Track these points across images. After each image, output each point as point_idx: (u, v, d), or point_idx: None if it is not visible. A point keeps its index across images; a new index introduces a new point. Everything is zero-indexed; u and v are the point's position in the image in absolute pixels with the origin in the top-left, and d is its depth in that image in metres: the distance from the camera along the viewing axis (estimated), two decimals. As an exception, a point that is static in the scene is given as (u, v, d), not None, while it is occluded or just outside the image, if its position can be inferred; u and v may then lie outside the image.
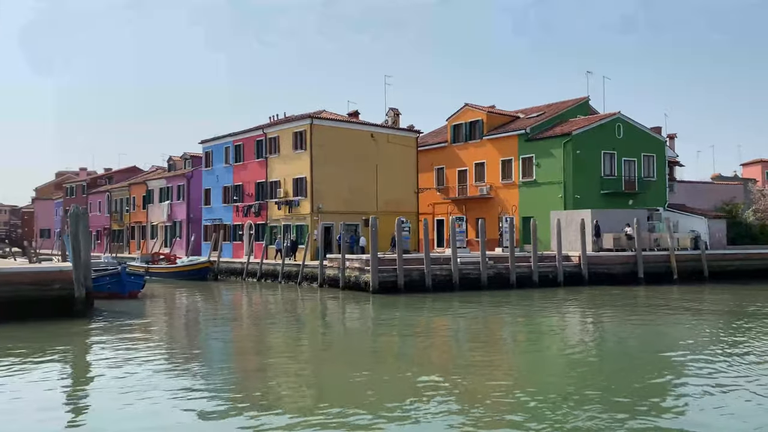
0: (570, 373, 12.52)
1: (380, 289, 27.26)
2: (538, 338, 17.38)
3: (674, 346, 15.07)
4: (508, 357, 14.86)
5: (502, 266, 30.18)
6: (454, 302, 25.01)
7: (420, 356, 14.74)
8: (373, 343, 17.11)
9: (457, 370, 12.70)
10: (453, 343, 17.23)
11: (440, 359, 14.52)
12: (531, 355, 14.94)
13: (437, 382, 11.46)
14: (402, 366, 13.22)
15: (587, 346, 15.79)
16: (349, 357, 14.61)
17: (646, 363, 13.30)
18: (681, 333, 17.74)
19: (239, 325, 20.98)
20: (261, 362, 14.26)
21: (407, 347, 16.19)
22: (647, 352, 14.68)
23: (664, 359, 13.66)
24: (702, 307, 23.94)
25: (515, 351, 15.72)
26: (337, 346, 16.74)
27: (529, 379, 12.21)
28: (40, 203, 78.80)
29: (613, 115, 38.99)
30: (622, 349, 15.33)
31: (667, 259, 33.27)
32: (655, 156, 39.74)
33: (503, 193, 40.87)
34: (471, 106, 43.29)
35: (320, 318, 22.99)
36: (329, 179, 37.21)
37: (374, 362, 13.97)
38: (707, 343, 15.76)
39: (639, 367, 12.88)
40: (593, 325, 19.89)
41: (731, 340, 16.27)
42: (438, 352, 15.74)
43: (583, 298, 26.58)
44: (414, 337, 17.58)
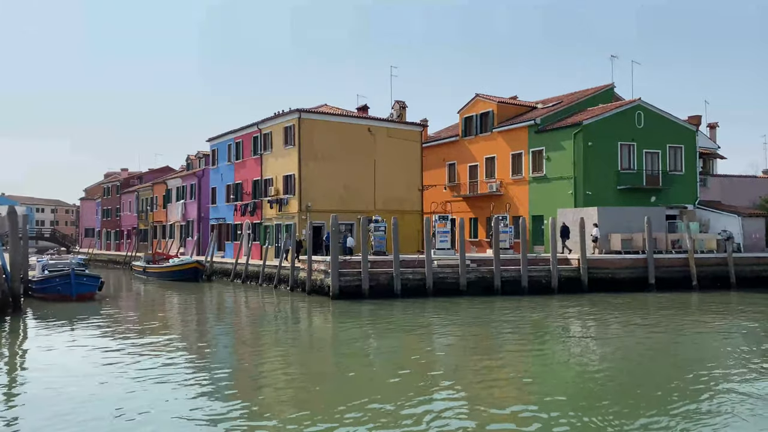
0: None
1: (342, 294, 25.02)
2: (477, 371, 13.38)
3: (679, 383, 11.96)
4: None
5: (486, 270, 27.28)
6: (419, 311, 22.45)
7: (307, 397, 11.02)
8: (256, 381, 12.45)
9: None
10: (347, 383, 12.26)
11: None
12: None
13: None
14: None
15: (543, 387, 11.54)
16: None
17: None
18: (685, 359, 14.65)
19: (140, 335, 19.22)
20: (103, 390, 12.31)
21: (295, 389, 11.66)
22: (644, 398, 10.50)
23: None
24: (712, 320, 20.39)
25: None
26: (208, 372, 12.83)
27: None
28: (85, 203, 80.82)
29: (632, 102, 35.09)
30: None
31: (686, 263, 29.36)
32: (684, 147, 35.50)
33: (513, 190, 37.68)
34: (482, 96, 40.26)
35: (231, 332, 20.96)
36: (320, 176, 35.23)
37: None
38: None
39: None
40: (550, 355, 16.95)
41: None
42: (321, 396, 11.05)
43: (567, 308, 23.41)
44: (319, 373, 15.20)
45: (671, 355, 14.83)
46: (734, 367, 13.04)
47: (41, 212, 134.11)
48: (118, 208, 67.45)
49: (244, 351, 15.77)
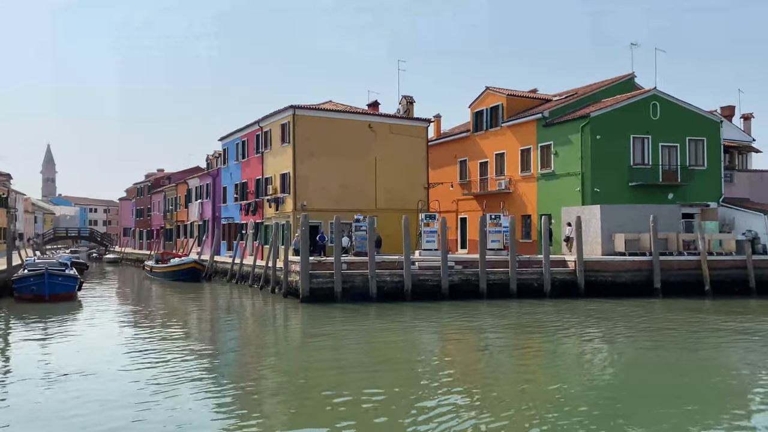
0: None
1: (313, 297, 23.86)
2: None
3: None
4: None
5: (471, 272, 25.61)
6: (388, 316, 21.13)
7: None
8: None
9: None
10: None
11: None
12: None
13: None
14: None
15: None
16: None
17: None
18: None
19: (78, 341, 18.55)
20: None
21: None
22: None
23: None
24: (715, 333, 18.26)
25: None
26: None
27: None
28: (123, 203, 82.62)
29: (646, 91, 32.58)
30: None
31: (698, 266, 26.85)
32: (706, 140, 32.70)
33: (522, 188, 35.68)
34: (492, 89, 38.36)
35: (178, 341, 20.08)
36: (316, 174, 34.20)
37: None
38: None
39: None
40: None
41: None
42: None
43: (553, 316, 21.56)
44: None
45: (657, 383, 12.96)
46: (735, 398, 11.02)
47: (94, 212, 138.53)
48: (149, 208, 68.47)
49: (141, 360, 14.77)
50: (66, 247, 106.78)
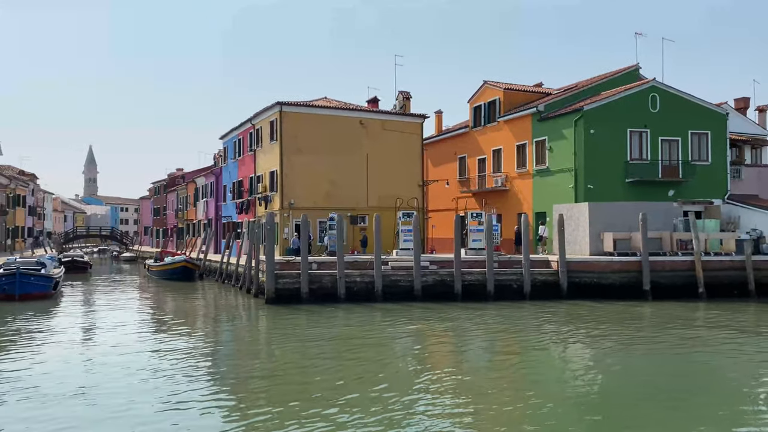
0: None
1: (280, 297, 23.17)
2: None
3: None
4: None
5: (446, 273, 24.58)
6: (351, 318, 20.34)
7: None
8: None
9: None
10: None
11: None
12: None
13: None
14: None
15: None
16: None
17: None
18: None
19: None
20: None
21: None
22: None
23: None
24: (696, 342, 16.96)
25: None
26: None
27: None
28: (143, 202, 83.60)
29: (644, 83, 31.00)
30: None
31: (692, 267, 25.27)
32: (710, 134, 30.96)
33: (518, 185, 34.43)
34: (490, 84, 37.16)
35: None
36: (304, 172, 33.54)
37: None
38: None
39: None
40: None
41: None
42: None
43: (521, 318, 20.44)
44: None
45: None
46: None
47: (125, 211, 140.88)
48: (165, 207, 69.00)
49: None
50: (95, 245, 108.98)
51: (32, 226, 77.91)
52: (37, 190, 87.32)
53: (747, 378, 12.45)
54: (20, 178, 67.64)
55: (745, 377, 12.53)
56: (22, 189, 61.29)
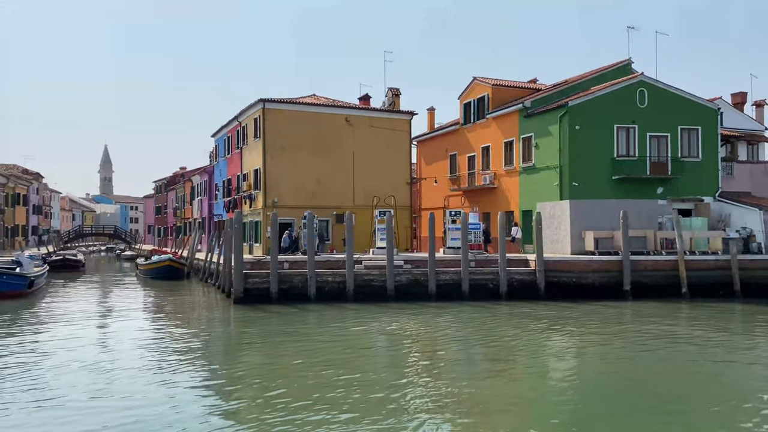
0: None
1: (248, 298, 22.81)
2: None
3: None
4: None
5: (420, 272, 24.08)
6: (318, 319, 19.95)
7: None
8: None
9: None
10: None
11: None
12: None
13: None
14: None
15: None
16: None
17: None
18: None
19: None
20: None
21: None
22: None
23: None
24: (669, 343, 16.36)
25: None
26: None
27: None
28: (147, 201, 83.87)
29: (632, 78, 30.23)
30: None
31: (675, 266, 24.56)
32: (701, 129, 30.11)
33: (506, 182, 33.79)
34: (479, 79, 36.53)
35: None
36: (288, 170, 33.20)
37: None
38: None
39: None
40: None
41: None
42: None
43: (491, 318, 19.91)
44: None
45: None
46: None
47: (135, 210, 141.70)
48: (165, 206, 69.07)
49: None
50: (103, 244, 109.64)
51: (37, 224, 78.49)
52: (42, 188, 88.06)
53: (714, 379, 11.88)
54: (22, 176, 68.09)
55: (710, 379, 11.96)
56: (22, 188, 61.61)
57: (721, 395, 10.95)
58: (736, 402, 10.40)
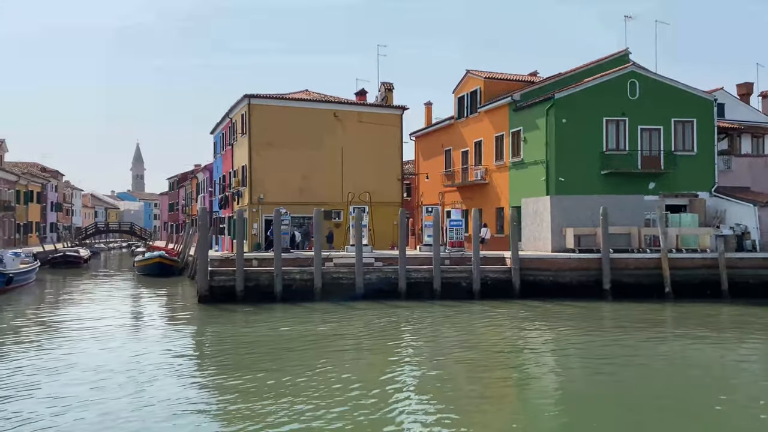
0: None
1: (213, 296, 22.48)
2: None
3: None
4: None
5: (391, 270, 23.48)
6: (281, 318, 19.54)
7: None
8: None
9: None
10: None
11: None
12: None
13: None
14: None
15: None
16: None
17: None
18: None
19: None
20: None
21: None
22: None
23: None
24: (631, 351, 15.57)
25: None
26: None
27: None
28: (162, 198, 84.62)
29: (622, 69, 29.11)
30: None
31: (659, 265, 23.50)
32: (696, 121, 28.87)
33: (497, 178, 32.94)
34: (472, 73, 35.70)
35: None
36: (275, 166, 32.83)
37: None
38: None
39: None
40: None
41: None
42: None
43: (451, 318, 19.25)
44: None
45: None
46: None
47: (157, 207, 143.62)
48: (177, 203, 69.58)
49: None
50: (124, 240, 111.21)
51: (56, 221, 79.91)
52: (63, 186, 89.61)
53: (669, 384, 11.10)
54: (39, 174, 69.22)
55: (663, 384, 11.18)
56: (36, 185, 62.56)
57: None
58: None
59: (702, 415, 9.76)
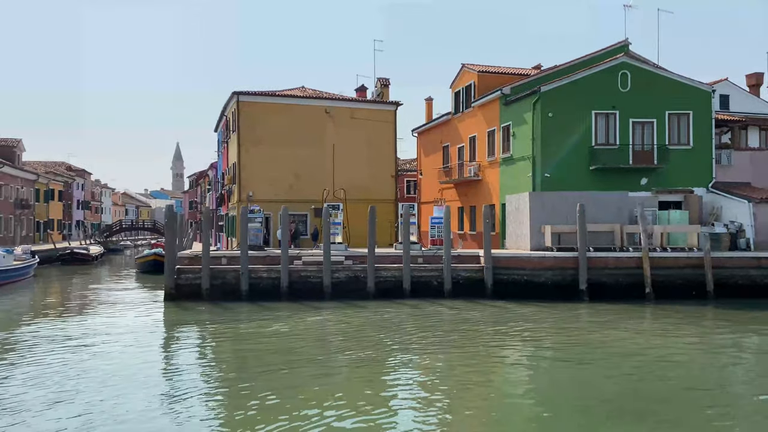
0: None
1: (180, 294, 22.39)
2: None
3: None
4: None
5: (360, 269, 23.01)
6: (246, 317, 19.32)
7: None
8: None
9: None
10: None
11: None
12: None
13: None
14: None
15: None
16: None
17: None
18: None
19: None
20: None
21: None
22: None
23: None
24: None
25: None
26: None
27: None
28: (186, 195, 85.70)
29: (612, 60, 27.99)
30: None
31: (640, 263, 22.47)
32: (692, 114, 27.58)
33: (489, 174, 32.14)
34: (468, 66, 34.89)
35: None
36: (265, 163, 32.69)
37: None
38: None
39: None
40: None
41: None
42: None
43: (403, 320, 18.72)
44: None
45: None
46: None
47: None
48: (196, 200, 70.35)
49: None
50: (153, 237, 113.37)
51: (83, 219, 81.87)
52: (92, 184, 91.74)
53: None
54: (64, 173, 70.91)
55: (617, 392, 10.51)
56: (57, 183, 64.02)
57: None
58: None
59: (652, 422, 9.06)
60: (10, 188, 49.62)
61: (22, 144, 53.12)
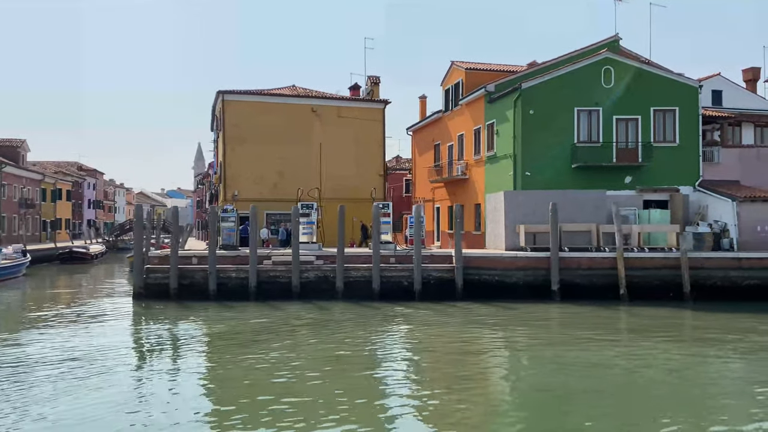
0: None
1: (148, 293, 22.38)
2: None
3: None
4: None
5: (329, 269, 22.78)
6: (213, 318, 19.24)
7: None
8: None
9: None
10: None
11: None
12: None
13: None
14: None
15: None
16: None
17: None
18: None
19: None
20: None
21: None
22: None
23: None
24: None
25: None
26: None
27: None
28: (194, 194, 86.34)
29: (595, 55, 27.37)
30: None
31: (614, 264, 21.92)
32: (678, 110, 26.84)
33: (476, 173, 31.67)
34: (457, 64, 34.45)
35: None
36: (250, 162, 32.65)
37: None
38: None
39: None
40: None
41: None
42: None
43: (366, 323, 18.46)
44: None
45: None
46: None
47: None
48: (201, 200, 70.79)
49: None
50: (166, 237, 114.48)
51: (95, 218, 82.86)
52: (105, 184, 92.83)
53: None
54: (73, 173, 71.85)
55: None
56: (65, 183, 64.82)
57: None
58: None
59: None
60: (14, 188, 50.31)
61: (27, 144, 53.84)
